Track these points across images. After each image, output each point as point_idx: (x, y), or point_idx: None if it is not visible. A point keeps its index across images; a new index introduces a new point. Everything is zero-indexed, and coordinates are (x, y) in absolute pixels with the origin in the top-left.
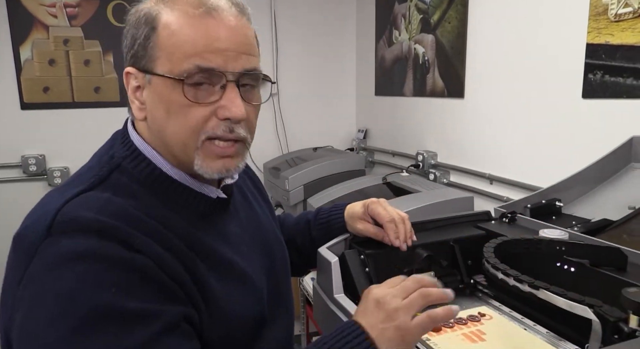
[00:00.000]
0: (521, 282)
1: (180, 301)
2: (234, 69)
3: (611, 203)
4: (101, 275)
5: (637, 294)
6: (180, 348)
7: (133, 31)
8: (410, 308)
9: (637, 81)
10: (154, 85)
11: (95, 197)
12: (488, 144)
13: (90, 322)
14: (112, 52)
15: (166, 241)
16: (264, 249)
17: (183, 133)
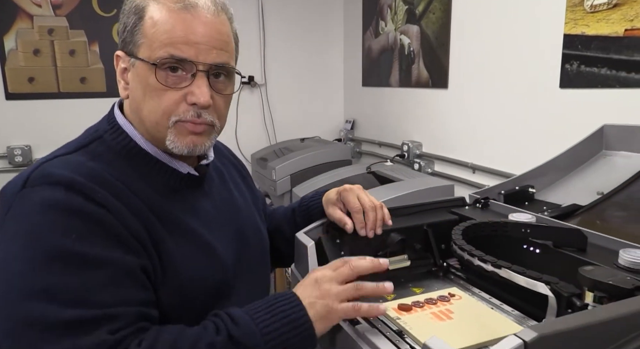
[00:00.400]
0: (485, 262)
1: (137, 254)
2: (204, 60)
3: (581, 189)
4: (64, 222)
5: (592, 272)
6: (132, 293)
7: (125, 19)
8: (340, 295)
9: (610, 71)
10: (136, 68)
11: (70, 159)
12: (471, 134)
13: (49, 261)
14: (98, 42)
15: (130, 202)
16: (236, 233)
17: (156, 114)
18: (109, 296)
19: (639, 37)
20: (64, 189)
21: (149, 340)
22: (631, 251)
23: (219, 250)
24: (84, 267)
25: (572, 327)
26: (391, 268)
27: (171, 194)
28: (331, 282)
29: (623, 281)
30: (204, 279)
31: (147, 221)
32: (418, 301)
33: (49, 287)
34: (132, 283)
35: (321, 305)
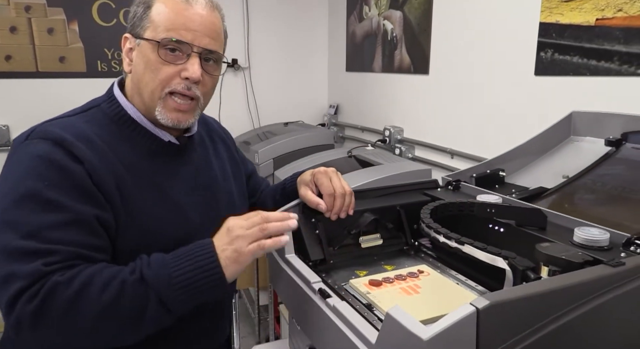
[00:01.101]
0: (449, 239)
1: (98, 206)
2: (199, 44)
3: (549, 173)
4: (42, 170)
5: (547, 248)
6: (78, 237)
7: (135, 8)
8: (248, 237)
9: (582, 59)
10: (141, 47)
11: (67, 121)
12: (449, 120)
13: (22, 200)
14: (77, 21)
15: (108, 160)
16: (208, 199)
17: (153, 83)
18: (56, 236)
19: (608, 26)
20: (52, 144)
21: (72, 272)
22: (585, 229)
23: (187, 210)
24: (46, 209)
25: (521, 295)
26: (364, 246)
27: (151, 158)
28: (240, 229)
29: (575, 256)
30: (166, 233)
31: (121, 178)
32: (388, 277)
33: (16, 219)
34: (82, 229)
35: (231, 250)
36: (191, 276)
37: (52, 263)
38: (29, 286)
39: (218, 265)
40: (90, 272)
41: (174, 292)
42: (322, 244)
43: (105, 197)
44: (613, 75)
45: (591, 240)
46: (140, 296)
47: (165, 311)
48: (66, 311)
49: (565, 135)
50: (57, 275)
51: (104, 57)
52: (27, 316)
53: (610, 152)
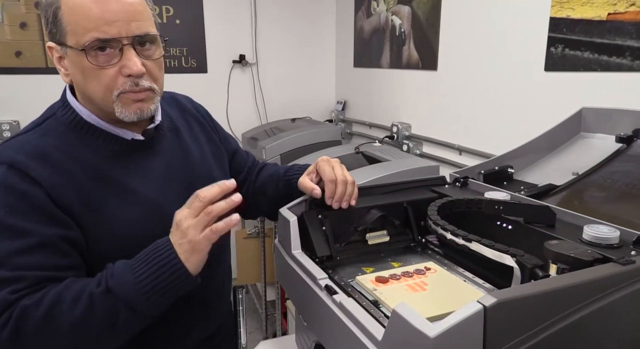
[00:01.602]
0: (457, 236)
1: (62, 225)
2: (127, 34)
3: (558, 170)
4: (1, 197)
5: (556, 245)
6: (44, 260)
7: (44, 12)
8: (197, 225)
9: (593, 54)
10: (70, 55)
11: (22, 139)
12: (458, 116)
13: None
14: None
15: (67, 174)
16: (188, 186)
17: (99, 91)
18: (21, 262)
19: (621, 21)
20: (7, 168)
21: (40, 294)
22: (594, 227)
23: (163, 205)
24: (10, 236)
25: (529, 293)
26: (371, 243)
27: (117, 159)
28: (187, 219)
29: (584, 253)
30: (145, 233)
31: (84, 190)
32: (395, 274)
33: None
34: (47, 251)
35: (186, 243)
36: (155, 278)
37: (19, 289)
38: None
39: (178, 260)
40: (58, 290)
41: (141, 297)
42: (329, 240)
43: (69, 214)
44: (625, 71)
45: (601, 237)
46: (109, 307)
47: (137, 316)
48: (40, 332)
49: (575, 132)
50: (26, 298)
51: None
52: (4, 343)
53: (621, 148)
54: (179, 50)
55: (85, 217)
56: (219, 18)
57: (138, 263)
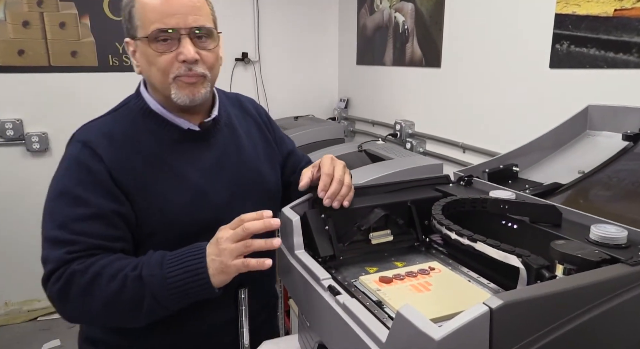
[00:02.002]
0: (462, 236)
1: (116, 201)
2: (185, 26)
3: (564, 168)
4: (73, 171)
5: (563, 245)
6: (98, 229)
7: (123, 11)
8: (233, 253)
9: (599, 51)
10: (140, 47)
11: (97, 123)
12: (462, 114)
13: (58, 196)
14: (89, 15)
15: (128, 154)
16: (235, 179)
17: (158, 75)
18: (79, 228)
19: (627, 17)
20: (81, 145)
21: (89, 262)
22: (601, 227)
23: (209, 193)
24: (74, 204)
25: (535, 295)
26: (374, 243)
27: (173, 146)
28: (227, 242)
29: (591, 254)
30: (189, 217)
31: (140, 170)
32: (399, 274)
33: (53, 210)
34: (102, 222)
35: (218, 262)
36: (181, 280)
37: (74, 251)
38: (55, 270)
39: (206, 273)
40: (103, 264)
41: (166, 292)
42: (332, 240)
43: (124, 191)
44: (632, 68)
45: (608, 237)
46: (137, 292)
47: (160, 307)
48: (82, 295)
49: (581, 129)
50: (76, 263)
51: (115, 51)
52: (55, 294)
53: (627, 146)
54: None
55: (138, 195)
56: (222, 16)
57: (172, 260)
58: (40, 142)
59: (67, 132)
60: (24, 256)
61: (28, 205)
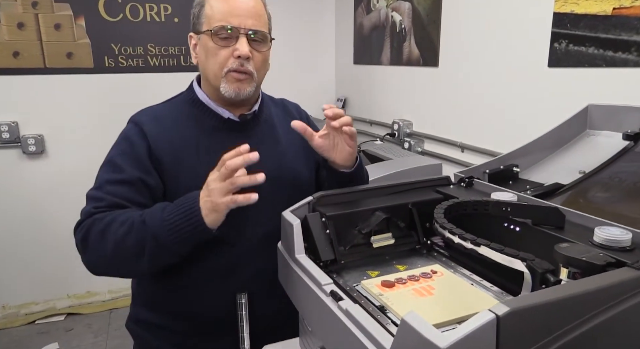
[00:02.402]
0: (465, 240)
1: (147, 173)
2: (244, 26)
3: (565, 168)
4: (122, 144)
5: (567, 249)
6: (127, 194)
7: (194, 9)
8: (221, 190)
9: (598, 50)
10: (201, 40)
11: (152, 107)
12: (460, 113)
13: (106, 161)
14: (84, 16)
15: (170, 135)
16: (269, 172)
17: (215, 67)
18: (110, 188)
19: (626, 16)
20: (133, 124)
21: (107, 213)
22: (605, 229)
23: None
24: (112, 170)
25: (542, 301)
26: (376, 246)
27: (212, 133)
28: (214, 182)
29: (596, 257)
30: None
31: (179, 149)
32: (401, 278)
33: (98, 176)
34: (130, 187)
35: (209, 202)
36: (177, 220)
37: (99, 207)
38: (82, 221)
39: (198, 212)
40: (117, 213)
41: (164, 231)
42: (333, 244)
43: (159, 164)
44: (631, 67)
45: (612, 240)
46: (141, 234)
47: (161, 247)
48: (98, 239)
49: (581, 129)
50: (98, 214)
51: (111, 53)
52: (79, 241)
53: (628, 146)
54: (177, 49)
55: (171, 169)
56: None
57: (171, 206)
58: (37, 144)
59: (64, 134)
60: (22, 259)
61: (25, 207)
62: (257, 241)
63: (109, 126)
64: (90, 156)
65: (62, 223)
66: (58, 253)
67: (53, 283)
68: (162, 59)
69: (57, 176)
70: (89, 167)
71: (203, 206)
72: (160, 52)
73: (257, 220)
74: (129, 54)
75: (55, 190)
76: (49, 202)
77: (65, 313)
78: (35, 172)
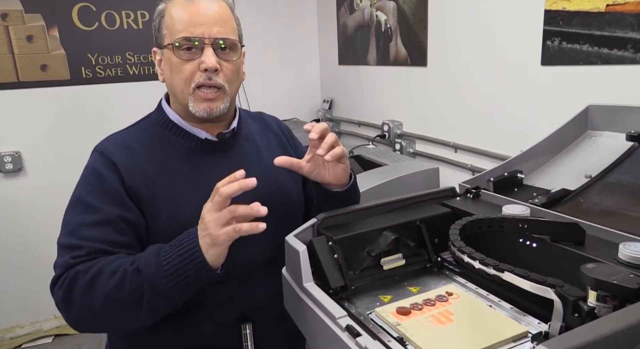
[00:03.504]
0: (486, 265)
1: (124, 208)
2: (209, 35)
3: (569, 172)
4: (88, 178)
5: (595, 271)
6: (108, 236)
7: (154, 22)
8: (219, 221)
9: (592, 47)
10: (164, 55)
11: (117, 134)
12: (451, 112)
13: (74, 202)
14: (57, 26)
15: (143, 163)
16: (256, 192)
17: (181, 83)
18: (86, 233)
19: (620, 12)
20: (99, 154)
21: (91, 263)
22: (631, 245)
23: None
24: (84, 211)
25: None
26: (386, 268)
27: (189, 155)
28: (209, 213)
29: (627, 280)
30: None
31: (154, 177)
32: (416, 303)
33: (67, 220)
34: (109, 228)
35: (207, 236)
36: (177, 263)
37: (79, 256)
38: (60, 275)
39: (199, 251)
40: (104, 263)
41: (163, 279)
42: (342, 269)
43: (136, 197)
44: (627, 64)
45: (638, 258)
46: (136, 285)
47: (160, 296)
48: (84, 294)
49: (582, 130)
50: (81, 265)
51: (87, 63)
52: (60, 298)
53: (633, 147)
54: None
55: (149, 201)
56: None
57: (166, 249)
58: (14, 161)
59: (42, 150)
60: (3, 280)
61: (5, 227)
62: (254, 267)
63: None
64: (71, 171)
65: (44, 242)
66: (42, 272)
67: (38, 304)
68: (142, 67)
69: (37, 194)
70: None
71: (201, 243)
72: (139, 60)
73: (250, 246)
74: (107, 64)
75: (35, 207)
76: (29, 220)
77: (53, 334)
78: (14, 191)
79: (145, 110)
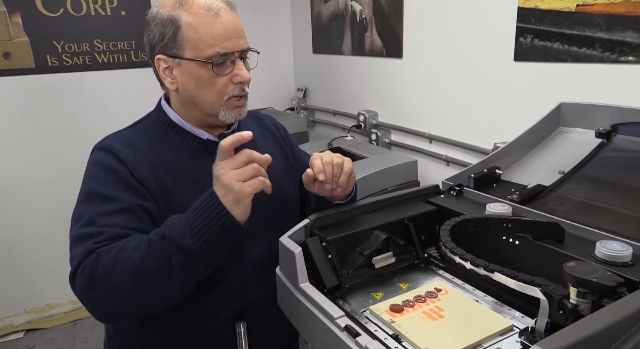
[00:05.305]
0: (477, 266)
1: (142, 197)
2: (239, 49)
3: (543, 168)
4: (98, 173)
5: (575, 269)
6: (124, 221)
7: (160, 29)
8: (240, 176)
9: (563, 45)
10: (185, 66)
11: (119, 133)
12: (426, 104)
13: (86, 196)
14: (20, 12)
15: (148, 160)
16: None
17: (213, 97)
18: (107, 221)
19: (590, 13)
20: (105, 152)
21: (112, 244)
22: (607, 244)
23: None
24: (101, 203)
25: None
26: (378, 267)
27: (191, 155)
28: (226, 173)
29: (606, 278)
30: None
31: (159, 175)
32: (408, 300)
33: (81, 213)
34: (129, 215)
35: (229, 194)
36: (202, 222)
37: (100, 241)
38: (80, 263)
39: (224, 208)
40: (125, 240)
41: (191, 239)
42: (336, 269)
43: (147, 190)
44: (595, 62)
45: (614, 256)
46: (164, 252)
47: (191, 260)
48: (109, 274)
49: (554, 127)
50: (102, 248)
51: (53, 51)
52: (82, 286)
53: (601, 143)
54: (127, 44)
55: (159, 196)
56: None
57: (188, 213)
58: None
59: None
60: None
61: None
62: (252, 266)
63: (55, 129)
64: (38, 163)
65: (13, 234)
66: (12, 266)
67: (8, 298)
68: (110, 55)
69: (5, 186)
70: (37, 174)
71: (224, 201)
72: (108, 47)
73: (249, 244)
74: (74, 51)
75: (4, 200)
76: None
77: (24, 329)
78: None
79: (116, 100)
